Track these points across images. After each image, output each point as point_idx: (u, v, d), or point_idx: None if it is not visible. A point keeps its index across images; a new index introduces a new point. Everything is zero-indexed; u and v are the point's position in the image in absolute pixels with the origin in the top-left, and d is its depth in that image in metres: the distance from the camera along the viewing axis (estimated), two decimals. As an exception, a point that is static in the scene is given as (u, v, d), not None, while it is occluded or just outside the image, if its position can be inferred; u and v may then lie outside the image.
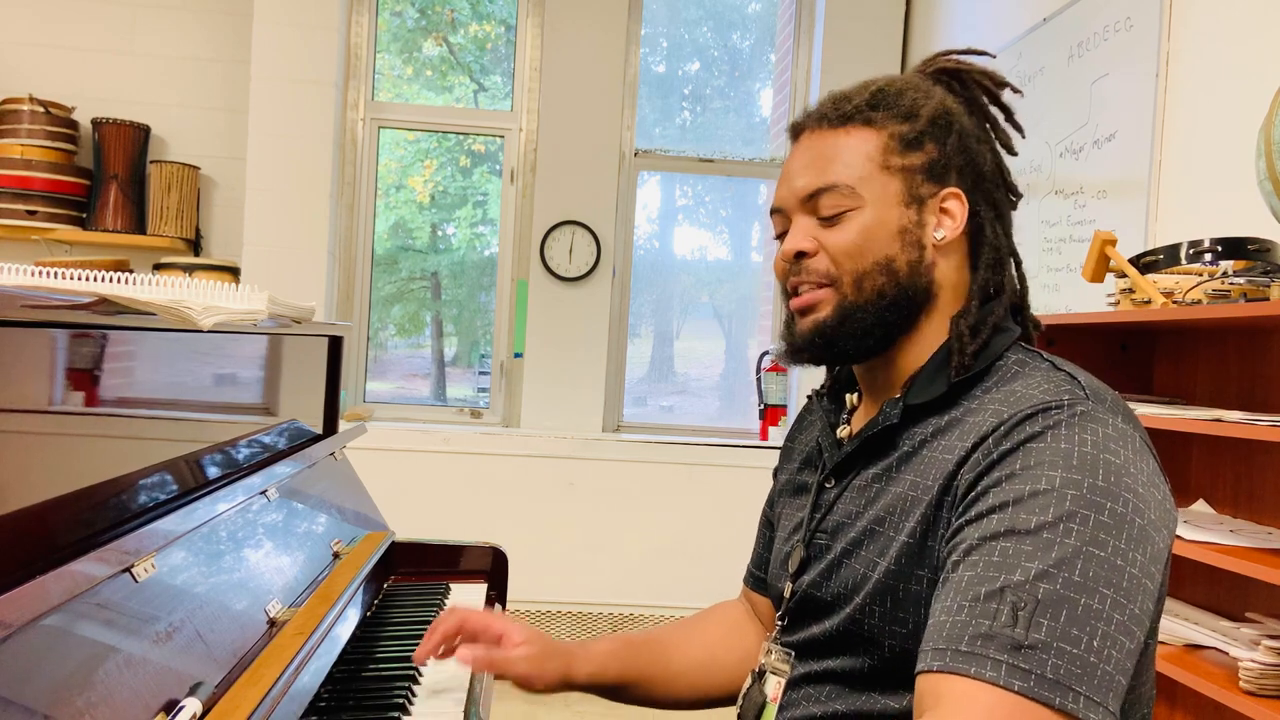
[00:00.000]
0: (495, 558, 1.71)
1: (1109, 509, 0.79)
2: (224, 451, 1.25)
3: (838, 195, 0.95)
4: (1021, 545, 0.78)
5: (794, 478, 1.12)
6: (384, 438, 3.44)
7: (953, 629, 0.77)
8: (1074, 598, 0.75)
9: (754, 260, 4.34)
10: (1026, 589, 0.76)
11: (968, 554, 0.81)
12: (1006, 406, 0.87)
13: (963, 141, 0.97)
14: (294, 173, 3.61)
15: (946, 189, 0.96)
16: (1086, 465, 0.80)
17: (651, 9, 4.05)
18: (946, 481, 0.87)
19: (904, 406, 0.95)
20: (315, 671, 1.06)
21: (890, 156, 0.95)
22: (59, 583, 0.74)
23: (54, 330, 0.83)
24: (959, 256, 0.98)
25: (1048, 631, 0.74)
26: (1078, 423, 0.83)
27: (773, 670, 1.03)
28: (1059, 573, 0.76)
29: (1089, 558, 0.77)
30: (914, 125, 0.95)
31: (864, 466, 0.98)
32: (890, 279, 0.94)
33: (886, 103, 0.96)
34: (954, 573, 0.81)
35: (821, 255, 0.96)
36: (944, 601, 0.80)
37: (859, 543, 0.95)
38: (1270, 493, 1.80)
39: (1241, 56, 2.03)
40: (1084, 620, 0.75)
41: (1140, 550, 0.79)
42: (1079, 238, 2.56)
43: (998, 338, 0.95)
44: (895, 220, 0.95)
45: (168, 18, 3.72)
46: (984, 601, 0.77)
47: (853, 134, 0.96)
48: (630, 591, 3.64)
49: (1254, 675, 1.53)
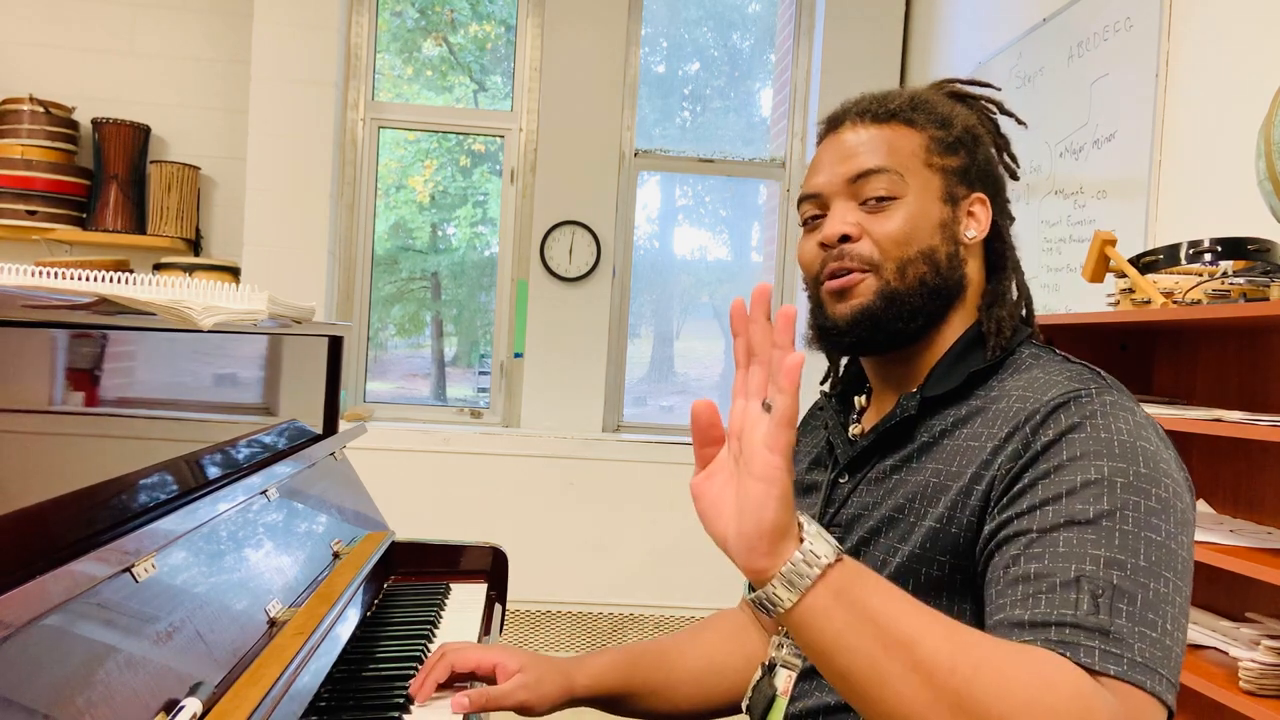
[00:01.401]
0: (495, 558, 1.71)
1: (1155, 494, 0.81)
2: (224, 451, 1.25)
3: (888, 178, 0.97)
4: (1085, 535, 0.79)
5: (801, 479, 1.12)
6: (384, 438, 3.44)
7: (1034, 619, 0.76)
8: (1145, 582, 0.77)
9: (754, 260, 4.34)
10: (1101, 577, 0.77)
11: (1029, 546, 0.81)
12: (1032, 393, 0.89)
13: (987, 153, 1.03)
14: (294, 173, 3.61)
15: (975, 194, 1.01)
16: (1128, 454, 0.82)
17: (651, 9, 4.05)
18: (980, 469, 0.88)
19: (921, 399, 0.96)
20: (315, 671, 1.06)
21: (931, 155, 0.99)
22: (59, 583, 0.74)
23: (54, 330, 0.83)
24: (979, 259, 1.03)
25: (1128, 617, 0.75)
26: (1111, 411, 0.85)
27: (784, 664, 1.03)
28: (1126, 559, 0.78)
29: (1149, 543, 0.79)
30: (950, 132, 1.00)
31: (880, 460, 0.99)
32: (932, 269, 0.97)
33: (925, 108, 1.01)
34: (1015, 567, 0.80)
35: (866, 240, 0.97)
36: (1011, 596, 0.79)
37: (878, 530, 0.96)
38: (1270, 493, 1.80)
39: (1241, 56, 2.03)
40: (1155, 604, 0.77)
41: (1185, 532, 0.81)
42: (1079, 238, 2.56)
43: (1015, 333, 0.99)
44: (936, 214, 0.98)
45: (168, 18, 3.72)
46: (1061, 591, 0.77)
47: (896, 130, 0.99)
48: (630, 591, 3.64)
49: (1254, 675, 1.53)
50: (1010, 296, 1.02)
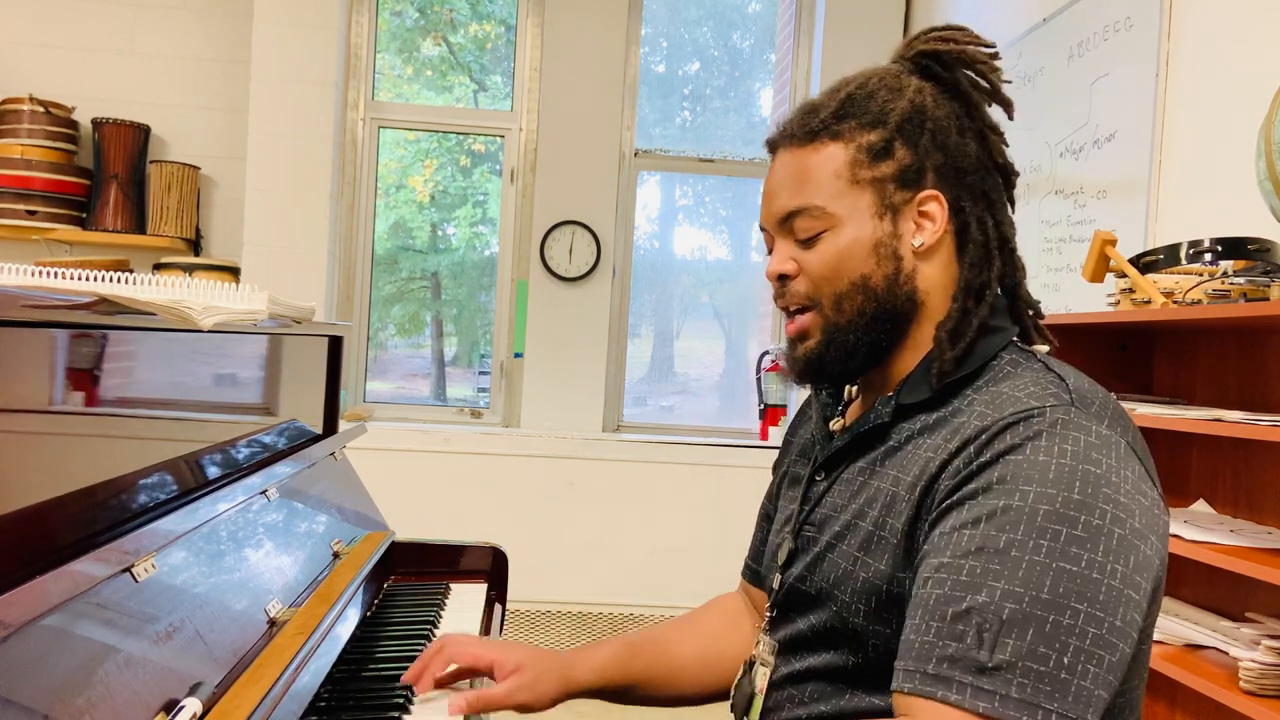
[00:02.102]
0: (495, 558, 1.71)
1: (1083, 522, 0.78)
2: (224, 451, 1.25)
3: (809, 218, 0.95)
4: (990, 565, 0.78)
5: (791, 469, 1.13)
6: (384, 438, 3.44)
7: (921, 649, 0.78)
8: (1041, 615, 0.75)
9: (754, 260, 4.34)
10: (991, 610, 0.76)
11: (937, 570, 0.81)
12: (991, 410, 0.86)
13: (937, 139, 0.94)
14: (294, 173, 3.61)
15: (923, 193, 0.94)
16: (1063, 479, 0.79)
17: (651, 9, 4.05)
18: (929, 483, 0.87)
19: (895, 405, 0.95)
20: (315, 671, 1.06)
21: (859, 170, 0.94)
22: (59, 583, 0.74)
23: (54, 330, 0.83)
24: (945, 256, 0.96)
25: (1013, 651, 0.75)
26: (1058, 433, 0.82)
27: (762, 662, 1.04)
28: (1025, 591, 0.76)
29: (1059, 573, 0.76)
30: (883, 132, 0.93)
31: (853, 460, 0.98)
32: (868, 297, 0.94)
33: (854, 110, 0.94)
34: (924, 589, 0.81)
35: (802, 277, 0.97)
36: (914, 620, 0.81)
37: (841, 536, 0.95)
38: (1270, 493, 1.80)
39: (1241, 56, 2.03)
40: (1053, 637, 0.75)
41: (1120, 560, 0.78)
42: (1079, 238, 2.56)
43: (988, 339, 0.93)
44: (870, 235, 0.94)
45: (168, 18, 3.72)
46: (950, 622, 0.77)
47: (820, 150, 0.95)
48: (630, 591, 3.64)
49: (1254, 675, 1.53)
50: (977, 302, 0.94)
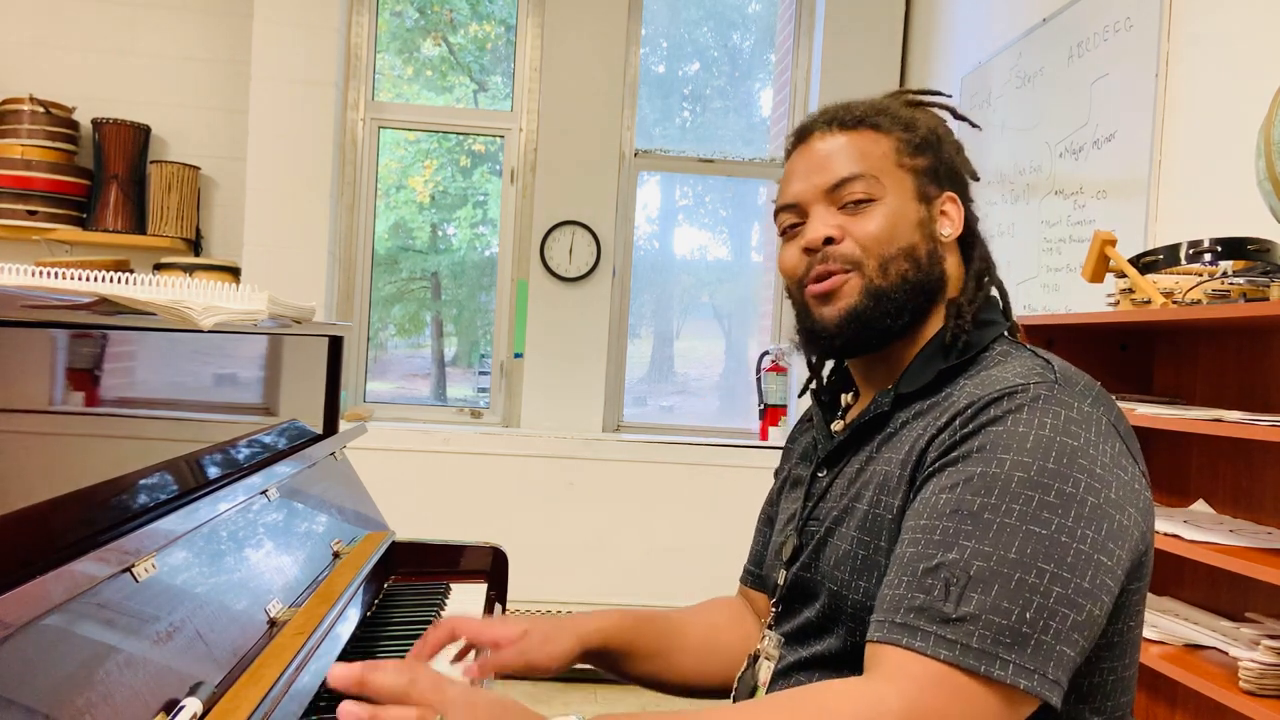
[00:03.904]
0: (495, 558, 1.71)
1: (1055, 489, 0.82)
2: (224, 451, 1.25)
3: (865, 182, 1.00)
4: (963, 525, 0.83)
5: (793, 473, 1.16)
6: (384, 438, 3.44)
7: (893, 601, 0.83)
8: (1007, 573, 0.80)
9: (754, 260, 4.34)
10: (960, 566, 0.81)
11: (914, 531, 0.86)
12: (981, 389, 0.91)
13: (949, 151, 1.05)
14: (294, 173, 3.61)
15: (946, 193, 1.03)
16: (1040, 448, 0.84)
17: (651, 9, 4.04)
18: (919, 457, 0.91)
19: (895, 395, 0.99)
20: (315, 671, 1.06)
21: (901, 157, 1.02)
22: (59, 583, 0.74)
23: (54, 330, 0.83)
24: (956, 256, 1.05)
25: (977, 605, 0.79)
26: (1040, 406, 0.87)
27: (766, 655, 1.05)
28: (994, 550, 0.81)
29: (1028, 535, 0.81)
30: (915, 134, 1.03)
31: (854, 454, 1.02)
32: (913, 265, 0.99)
33: (888, 113, 1.04)
34: (901, 549, 0.86)
35: (848, 241, 1.00)
36: (889, 575, 0.86)
37: (841, 520, 0.99)
38: (1270, 493, 1.80)
39: (1241, 56, 2.03)
40: (1017, 594, 0.79)
41: (1091, 527, 0.82)
42: (1079, 238, 2.56)
43: (982, 331, 1.00)
44: (913, 212, 1.00)
45: (168, 18, 3.72)
46: (921, 577, 0.82)
47: (865, 135, 1.02)
48: (630, 591, 3.64)
49: (1254, 675, 1.53)
50: (984, 293, 1.03)
